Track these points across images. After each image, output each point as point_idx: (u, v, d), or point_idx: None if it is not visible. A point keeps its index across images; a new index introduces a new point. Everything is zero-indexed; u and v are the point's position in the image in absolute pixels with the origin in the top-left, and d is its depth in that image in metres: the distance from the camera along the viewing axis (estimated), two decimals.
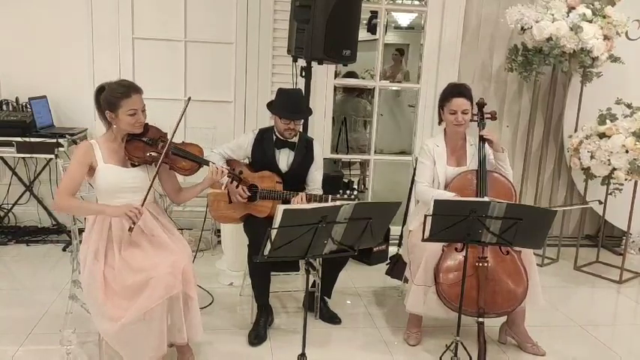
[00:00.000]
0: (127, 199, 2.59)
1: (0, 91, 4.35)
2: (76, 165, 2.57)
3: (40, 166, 4.42)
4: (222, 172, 2.78)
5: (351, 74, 5.89)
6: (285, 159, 3.27)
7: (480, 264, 2.87)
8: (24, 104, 4.21)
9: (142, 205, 2.54)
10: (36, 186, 4.46)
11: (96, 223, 2.61)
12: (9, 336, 2.97)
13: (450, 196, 3.01)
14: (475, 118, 3.22)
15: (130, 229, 2.50)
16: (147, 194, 2.58)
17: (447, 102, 3.14)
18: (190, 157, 2.74)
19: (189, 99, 2.65)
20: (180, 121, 2.64)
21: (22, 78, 4.32)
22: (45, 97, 4.32)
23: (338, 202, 2.33)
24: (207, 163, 2.79)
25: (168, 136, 2.68)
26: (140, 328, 2.43)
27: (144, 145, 2.65)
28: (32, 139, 4.01)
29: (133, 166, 2.66)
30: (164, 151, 2.61)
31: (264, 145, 3.26)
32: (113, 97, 2.56)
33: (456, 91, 3.15)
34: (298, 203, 3.00)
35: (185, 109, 2.63)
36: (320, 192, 3.29)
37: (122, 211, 2.49)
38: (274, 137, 3.26)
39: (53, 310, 3.26)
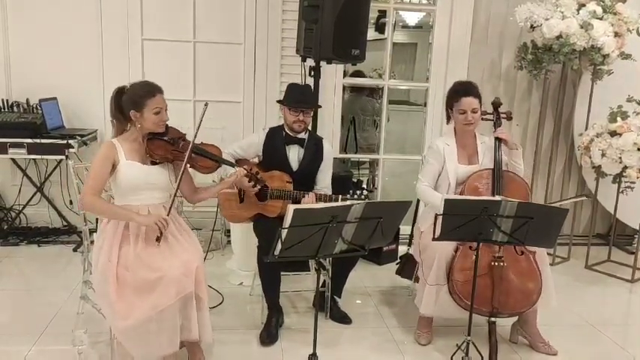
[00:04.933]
0: (145, 196, 2.64)
1: (11, 92, 4.38)
2: (99, 163, 2.58)
3: (51, 167, 4.43)
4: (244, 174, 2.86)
5: (357, 73, 5.87)
6: (295, 155, 3.30)
7: (496, 263, 2.86)
8: (34, 106, 4.23)
9: (168, 214, 2.60)
10: (47, 187, 4.48)
11: (111, 221, 2.63)
12: (21, 336, 2.99)
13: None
14: (491, 118, 3.21)
15: (158, 240, 2.54)
16: (171, 203, 2.63)
17: (455, 102, 3.12)
18: (212, 157, 2.78)
19: (207, 104, 2.67)
20: (200, 124, 2.67)
21: (33, 80, 4.34)
22: (55, 98, 4.35)
23: (348, 202, 2.33)
24: (230, 164, 2.87)
25: (189, 137, 2.72)
26: (152, 326, 2.44)
27: (165, 144, 2.68)
28: (43, 141, 4.03)
29: (153, 163, 2.68)
30: (187, 151, 2.64)
31: (275, 141, 3.29)
32: (138, 96, 2.60)
33: (463, 90, 3.13)
34: (308, 203, 3.01)
35: (203, 115, 2.66)
36: (329, 192, 3.30)
37: (152, 221, 2.53)
38: (284, 133, 3.29)
39: (65, 310, 3.27)
